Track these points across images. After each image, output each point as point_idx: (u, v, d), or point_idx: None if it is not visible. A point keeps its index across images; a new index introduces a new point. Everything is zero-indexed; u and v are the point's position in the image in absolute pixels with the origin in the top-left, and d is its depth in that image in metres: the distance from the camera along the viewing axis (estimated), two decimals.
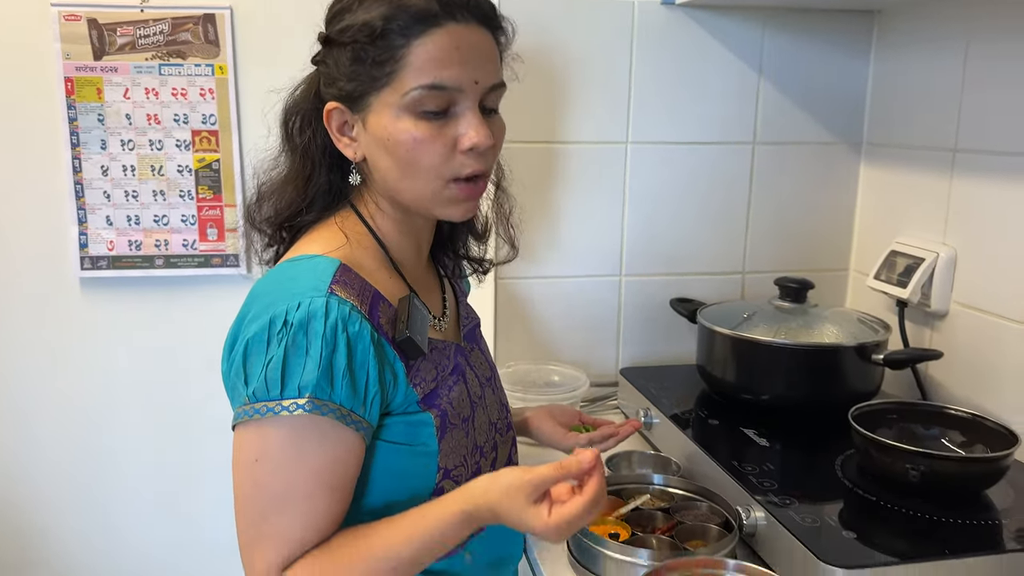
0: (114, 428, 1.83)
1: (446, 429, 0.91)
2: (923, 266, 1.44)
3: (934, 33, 1.48)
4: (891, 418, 1.20)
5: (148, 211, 1.76)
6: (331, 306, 0.82)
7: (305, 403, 0.79)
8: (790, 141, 1.65)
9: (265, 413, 0.80)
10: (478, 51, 0.87)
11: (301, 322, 0.80)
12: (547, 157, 1.58)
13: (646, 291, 1.65)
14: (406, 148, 0.86)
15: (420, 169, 0.87)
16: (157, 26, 1.69)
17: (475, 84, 0.87)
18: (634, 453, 1.31)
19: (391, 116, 0.86)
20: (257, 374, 0.81)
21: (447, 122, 0.87)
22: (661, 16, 1.56)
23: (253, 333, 0.82)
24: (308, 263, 0.88)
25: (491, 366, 1.11)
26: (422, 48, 0.84)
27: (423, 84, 0.84)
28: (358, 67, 0.86)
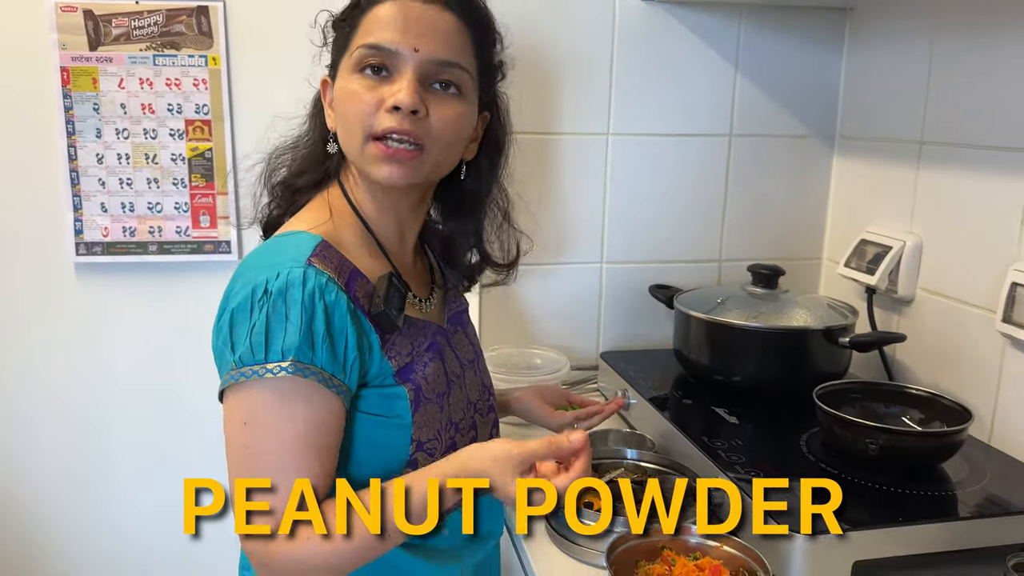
0: (109, 411, 1.87)
1: (420, 402, 0.96)
2: (891, 254, 1.50)
3: (903, 29, 1.54)
4: (854, 397, 1.26)
5: (142, 198, 1.80)
6: (308, 275, 0.87)
7: (288, 365, 0.84)
8: (765, 134, 1.71)
9: (251, 376, 0.84)
10: (427, 24, 0.93)
11: (280, 290, 0.86)
12: (531, 148, 1.63)
13: (626, 278, 1.71)
14: (343, 102, 0.95)
15: (349, 123, 0.93)
16: (152, 17, 1.74)
17: (414, 52, 0.92)
18: (611, 431, 1.36)
19: (344, 76, 0.95)
20: (243, 340, 0.85)
21: (382, 82, 0.93)
22: (641, 12, 1.61)
23: (238, 303, 0.87)
24: (291, 239, 0.94)
25: (476, 349, 1.16)
26: (372, 14, 0.94)
27: (364, 43, 0.93)
28: (336, 38, 0.99)
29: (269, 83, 1.76)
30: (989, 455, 1.25)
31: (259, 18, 1.76)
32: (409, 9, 0.93)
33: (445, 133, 0.94)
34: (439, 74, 0.94)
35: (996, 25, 1.31)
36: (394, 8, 0.93)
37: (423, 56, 0.92)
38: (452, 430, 1.02)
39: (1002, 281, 1.27)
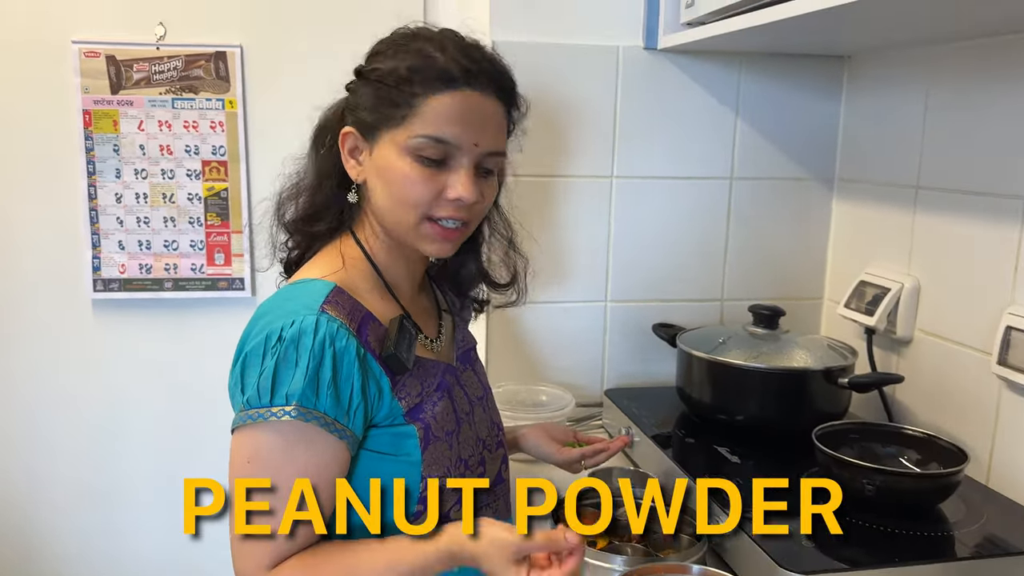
0: (125, 443, 1.91)
1: (429, 440, 0.99)
2: (889, 295, 1.53)
3: (899, 78, 1.59)
4: (853, 438, 1.28)
5: (159, 236, 1.86)
6: (320, 323, 0.91)
7: (292, 410, 0.88)
8: (766, 176, 1.75)
9: (257, 419, 0.89)
10: (485, 118, 0.98)
11: (293, 337, 0.90)
12: (538, 190, 1.67)
13: (630, 316, 1.74)
14: (399, 184, 0.97)
15: (406, 204, 0.97)
16: (171, 63, 1.80)
17: (474, 146, 0.97)
18: (615, 469, 1.39)
19: (395, 153, 0.97)
20: (252, 383, 0.90)
21: (441, 171, 0.97)
22: (644, 60, 1.66)
23: (252, 347, 0.92)
24: (306, 286, 0.98)
25: (484, 387, 1.19)
26: (436, 103, 0.95)
27: (427, 134, 0.95)
28: (378, 104, 0.98)
29: (284, 125, 1.81)
30: (987, 496, 1.27)
31: (275, 62, 1.83)
32: (470, 102, 0.96)
33: (484, 209, 1.04)
34: (487, 162, 1.00)
35: (988, 77, 1.36)
36: (456, 100, 0.95)
37: (480, 150, 0.98)
38: (461, 467, 1.05)
39: (997, 324, 1.30)
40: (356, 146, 1.02)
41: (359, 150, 1.02)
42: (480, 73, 0.96)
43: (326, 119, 1.07)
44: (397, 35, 1.02)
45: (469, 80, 0.96)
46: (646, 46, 1.66)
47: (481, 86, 0.96)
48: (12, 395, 1.85)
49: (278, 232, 1.11)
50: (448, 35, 1.00)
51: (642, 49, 1.66)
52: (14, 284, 1.82)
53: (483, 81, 0.97)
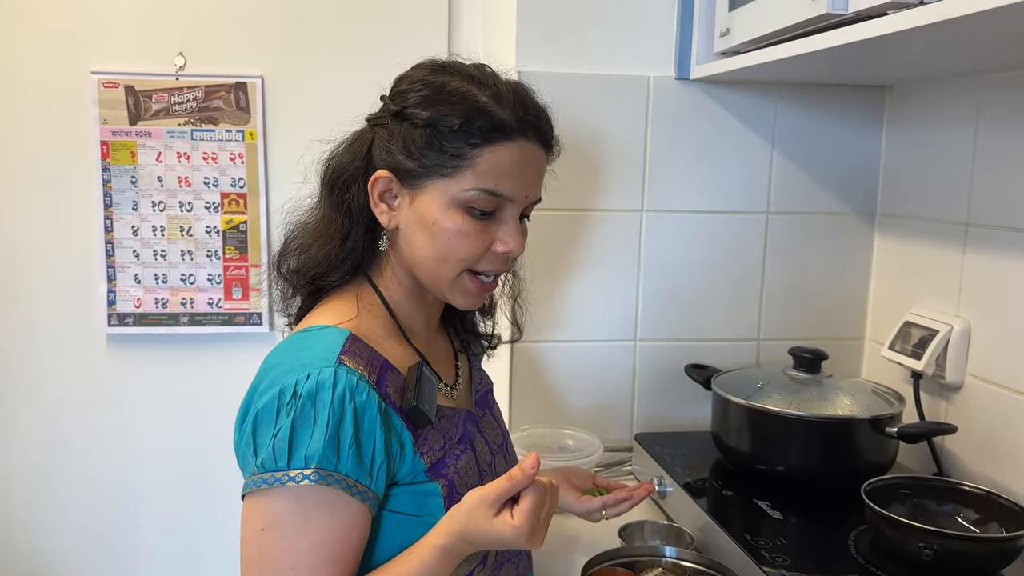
0: (135, 482, 1.86)
1: (453, 499, 0.92)
2: (937, 338, 1.44)
3: (945, 108, 1.51)
4: (904, 493, 1.20)
5: (175, 270, 1.81)
6: (339, 376, 0.85)
7: (311, 474, 0.81)
8: (803, 211, 1.68)
9: (272, 483, 0.82)
10: (535, 169, 0.95)
11: (310, 393, 0.83)
12: (565, 224, 1.61)
13: (661, 356, 1.67)
14: (448, 237, 0.91)
15: (452, 258, 0.93)
16: (191, 93, 1.76)
17: (525, 198, 0.94)
18: (647, 523, 1.31)
19: (442, 204, 0.91)
20: (266, 444, 0.83)
21: (490, 223, 0.93)
22: (676, 90, 1.60)
23: (263, 404, 0.85)
24: (319, 333, 0.91)
25: (503, 432, 1.13)
26: (492, 156, 0.90)
27: (483, 187, 0.90)
28: (426, 151, 0.90)
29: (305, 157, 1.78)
30: None
31: (296, 93, 1.78)
32: (526, 153, 0.92)
33: None
34: (527, 210, 0.97)
35: None
36: (513, 153, 0.91)
37: (529, 200, 0.95)
38: None
39: None
40: (389, 189, 0.94)
41: (392, 194, 0.95)
42: (534, 123, 0.93)
43: (344, 159, 0.97)
44: (433, 72, 0.94)
45: (525, 131, 0.92)
46: (678, 76, 1.60)
47: (532, 136, 0.93)
48: (23, 432, 1.81)
49: (281, 283, 1.02)
50: (496, 79, 0.94)
51: (674, 79, 1.60)
52: (28, 317, 1.78)
53: (534, 131, 0.93)
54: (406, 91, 0.94)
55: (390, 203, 0.95)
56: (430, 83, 0.92)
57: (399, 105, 0.93)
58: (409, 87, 0.94)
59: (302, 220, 1.01)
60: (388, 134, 0.93)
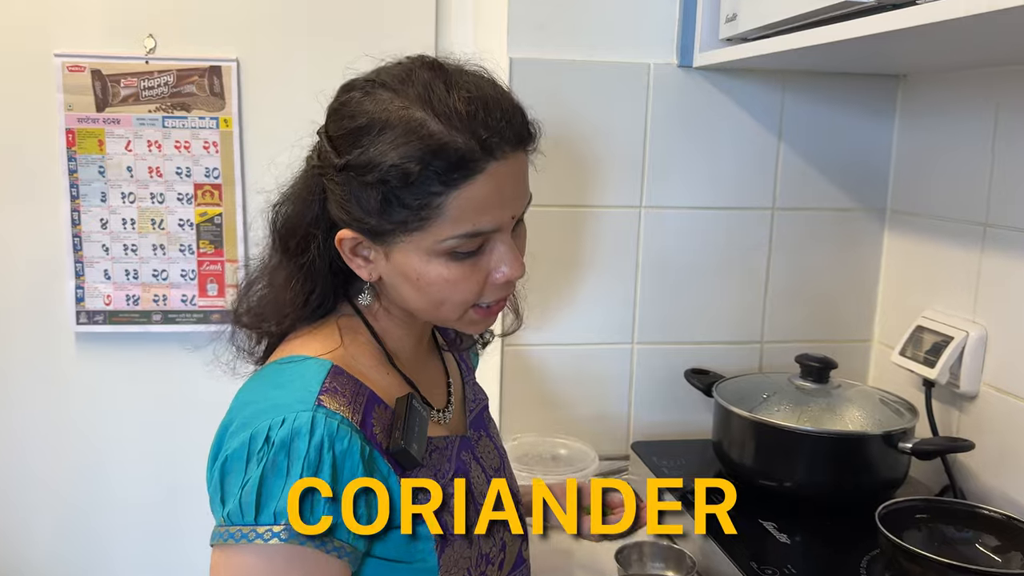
0: (107, 487, 1.77)
1: (447, 543, 0.84)
2: (952, 345, 1.37)
3: (962, 100, 1.42)
4: (920, 518, 1.13)
5: (147, 265, 1.71)
6: (317, 422, 0.75)
7: (281, 531, 0.73)
8: (811, 207, 1.59)
9: (239, 539, 0.73)
10: (516, 183, 0.82)
11: (283, 441, 0.74)
12: (558, 221, 1.52)
13: (659, 360, 1.59)
14: (437, 288, 0.82)
15: (450, 303, 0.84)
16: (162, 78, 1.66)
17: (511, 219, 0.83)
18: (645, 544, 1.23)
19: (420, 258, 0.81)
20: (234, 495, 0.75)
21: (479, 257, 0.82)
22: (678, 79, 1.51)
23: (233, 449, 0.76)
24: (297, 367, 0.82)
25: (500, 453, 1.05)
26: (462, 198, 0.77)
27: (459, 234, 0.79)
28: (386, 209, 0.78)
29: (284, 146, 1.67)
30: None
31: (274, 79, 1.68)
32: (500, 175, 0.78)
33: None
34: (521, 216, 0.86)
35: None
36: (486, 184, 0.78)
37: (516, 215, 0.84)
38: (483, 564, 0.91)
39: None
40: (360, 243, 0.83)
41: (366, 247, 0.84)
42: (501, 136, 0.78)
43: (296, 212, 0.85)
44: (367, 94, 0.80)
45: (490, 152, 0.77)
46: (680, 63, 1.51)
47: (502, 152, 0.78)
48: None
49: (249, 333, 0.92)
50: (441, 87, 0.78)
51: (675, 67, 1.51)
52: None
53: (503, 144, 0.78)
54: (347, 132, 0.79)
55: (365, 255, 0.84)
56: (373, 118, 0.78)
57: (342, 156, 0.79)
58: (351, 127, 0.79)
59: (256, 270, 0.91)
60: (341, 189, 0.80)
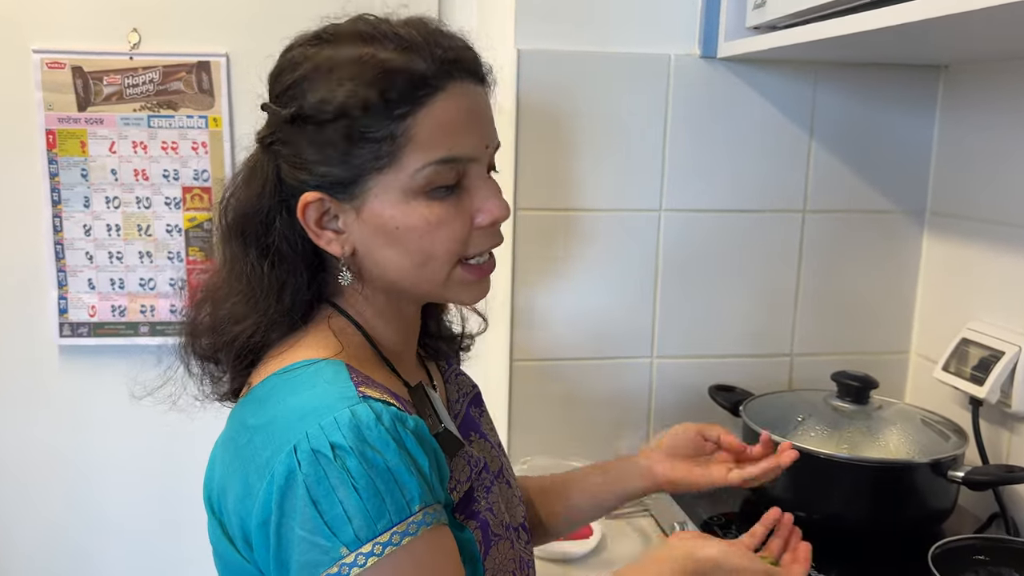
0: (95, 509, 1.69)
1: (490, 543, 0.78)
2: (1003, 360, 1.25)
3: (1010, 93, 1.30)
4: (977, 559, 1.01)
5: (133, 274, 1.62)
6: (375, 408, 0.68)
7: (420, 517, 0.66)
8: (844, 209, 1.47)
9: (383, 552, 0.64)
10: (483, 111, 0.77)
11: (358, 437, 0.65)
12: (572, 226, 1.41)
13: (681, 375, 1.47)
14: (420, 234, 0.74)
15: (436, 255, 0.75)
16: (147, 74, 1.56)
17: (486, 149, 0.77)
18: None
19: (397, 200, 0.73)
20: (344, 514, 0.64)
21: (460, 197, 0.75)
22: (700, 71, 1.39)
23: (307, 475, 0.65)
24: (310, 371, 0.72)
25: (500, 454, 0.94)
26: (431, 118, 0.72)
27: (435, 159, 0.72)
28: (349, 147, 0.72)
29: None
30: None
31: (266, 74, 1.58)
32: (468, 97, 0.75)
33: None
34: (491, 160, 0.79)
35: None
36: (452, 102, 0.73)
37: (491, 150, 0.78)
38: (526, 570, 0.84)
39: None
40: (326, 212, 0.75)
41: (331, 216, 0.75)
42: (460, 58, 0.74)
43: (247, 198, 0.77)
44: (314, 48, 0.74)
45: (448, 72, 0.73)
46: (703, 54, 1.39)
47: (461, 75, 0.74)
48: None
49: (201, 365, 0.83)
50: (389, 24, 0.74)
51: (698, 58, 1.39)
52: None
53: (461, 69, 0.74)
54: (292, 84, 0.74)
55: (333, 227, 0.76)
56: (317, 63, 0.73)
57: (293, 105, 0.73)
58: (294, 78, 0.74)
59: (212, 283, 0.81)
60: (293, 147, 0.74)
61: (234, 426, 0.75)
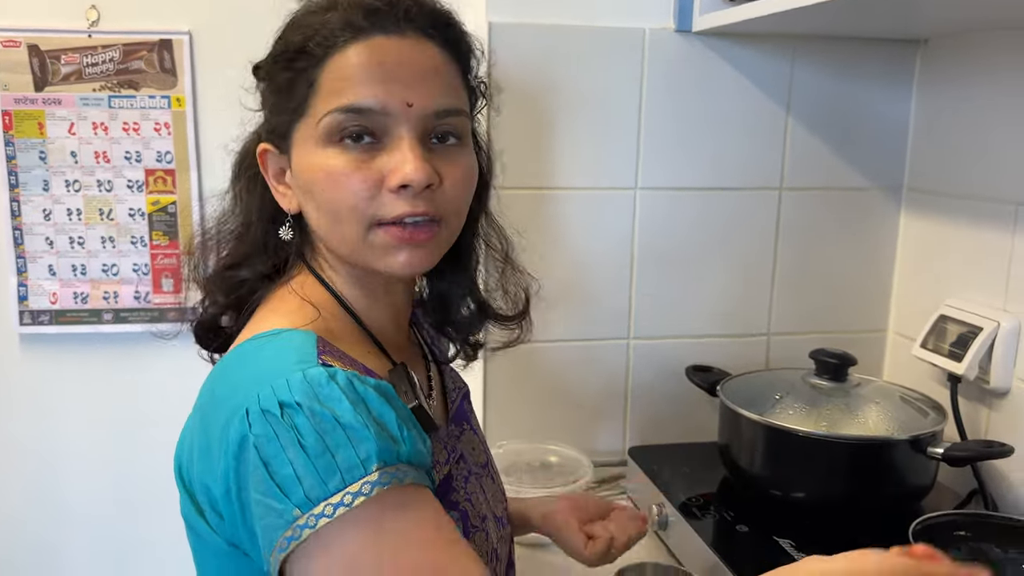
0: (60, 501, 1.64)
1: (469, 533, 0.76)
2: (981, 336, 1.24)
3: (992, 66, 1.29)
4: (958, 535, 1.00)
5: (96, 260, 1.57)
6: (332, 371, 0.64)
7: (376, 477, 0.61)
8: (821, 187, 1.45)
9: (334, 513, 0.60)
10: (413, 67, 0.72)
11: (309, 395, 0.62)
12: (545, 204, 1.38)
13: (658, 356, 1.45)
14: (322, 186, 0.72)
15: (340, 211, 0.72)
16: (107, 53, 1.51)
17: (408, 107, 0.71)
18: (647, 565, 1.10)
19: (310, 149, 0.73)
20: (298, 472, 0.61)
21: (371, 152, 0.72)
22: (676, 45, 1.37)
23: (259, 434, 0.62)
24: (275, 340, 0.70)
25: (485, 449, 0.93)
26: (336, 64, 0.71)
27: (336, 107, 0.71)
28: (276, 96, 0.76)
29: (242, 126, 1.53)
30: None
31: (231, 52, 1.52)
32: (385, 49, 0.71)
33: (460, 196, 0.76)
34: (437, 127, 0.74)
35: None
36: (365, 51, 0.71)
37: (418, 111, 0.72)
38: (494, 561, 0.82)
39: None
40: (281, 167, 0.77)
41: (281, 165, 0.77)
42: (394, 11, 0.72)
43: (246, 143, 0.84)
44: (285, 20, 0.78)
45: (379, 25, 0.71)
46: (678, 28, 1.36)
47: (397, 28, 0.72)
48: None
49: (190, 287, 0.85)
50: None
51: (673, 32, 1.36)
52: None
53: (397, 21, 0.72)
54: None
55: (285, 182, 0.78)
56: (278, 32, 0.77)
57: (257, 61, 0.80)
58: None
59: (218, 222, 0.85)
60: (260, 100, 0.80)
61: (204, 395, 0.72)
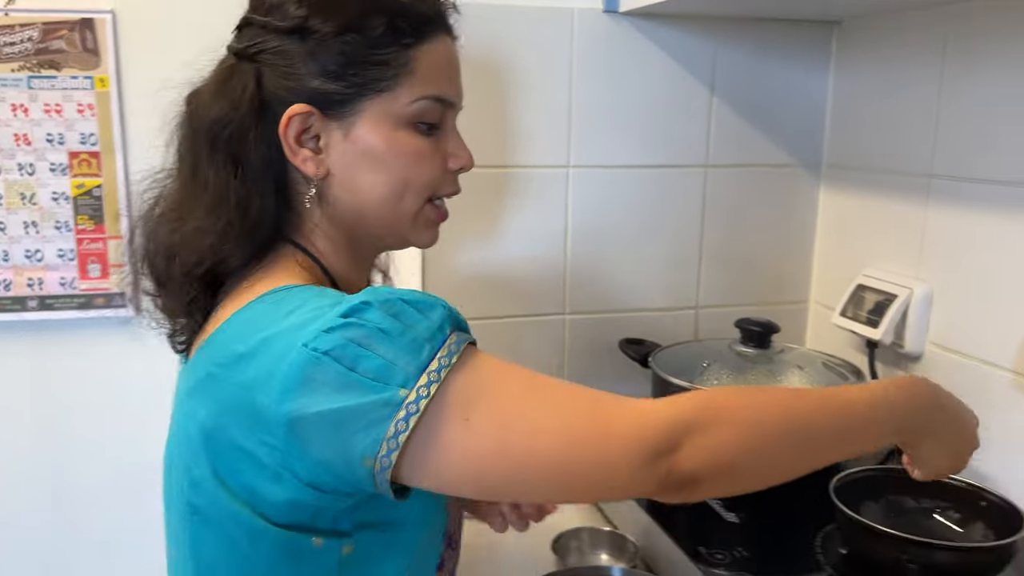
0: None
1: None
2: (896, 303, 1.30)
3: (905, 46, 1.35)
4: (876, 489, 1.05)
5: (18, 245, 1.52)
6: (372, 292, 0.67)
7: (456, 338, 0.65)
8: (745, 163, 1.50)
9: (440, 376, 0.63)
10: (459, 67, 0.82)
11: (368, 294, 0.65)
12: (478, 183, 1.39)
13: (593, 331, 1.48)
14: (405, 163, 0.77)
15: (413, 187, 0.78)
16: (25, 32, 1.46)
17: (460, 101, 0.82)
18: (584, 530, 1.13)
19: (389, 125, 0.76)
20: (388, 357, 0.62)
21: (437, 138, 0.80)
22: (604, 26, 1.39)
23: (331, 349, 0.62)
24: (293, 292, 0.70)
25: None
26: (427, 56, 0.77)
27: (430, 95, 0.77)
28: (352, 66, 0.74)
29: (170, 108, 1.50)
30: None
31: (156, 31, 1.50)
32: (451, 50, 0.81)
33: None
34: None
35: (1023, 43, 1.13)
36: (444, 49, 0.79)
37: (460, 106, 0.83)
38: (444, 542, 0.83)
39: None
40: (307, 129, 0.75)
41: (313, 134, 0.75)
42: (447, 15, 0.81)
43: (222, 105, 0.75)
44: None
45: (444, 24, 0.80)
46: (606, 8, 1.39)
47: (448, 30, 0.80)
48: None
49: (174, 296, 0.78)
50: None
51: (601, 12, 1.39)
52: None
53: (448, 24, 0.81)
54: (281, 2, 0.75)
55: (312, 147, 0.75)
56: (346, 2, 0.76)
57: (292, 20, 0.74)
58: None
59: (167, 193, 0.78)
60: (287, 59, 0.74)
61: (214, 361, 0.69)
